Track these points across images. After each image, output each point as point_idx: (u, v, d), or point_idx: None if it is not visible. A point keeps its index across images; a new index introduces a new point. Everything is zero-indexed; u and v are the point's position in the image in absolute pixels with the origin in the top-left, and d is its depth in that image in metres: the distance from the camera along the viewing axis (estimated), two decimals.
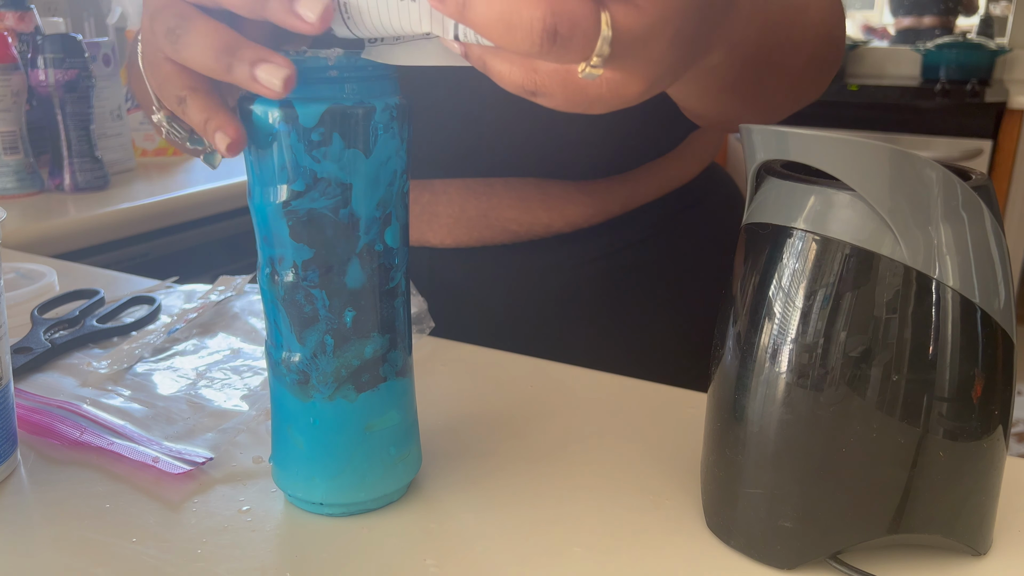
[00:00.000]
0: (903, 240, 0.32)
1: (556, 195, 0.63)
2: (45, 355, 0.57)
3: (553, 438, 0.47)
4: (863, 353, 0.32)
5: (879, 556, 0.36)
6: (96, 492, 0.42)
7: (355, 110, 0.35)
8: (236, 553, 0.37)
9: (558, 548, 0.38)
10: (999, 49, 2.63)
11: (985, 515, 0.36)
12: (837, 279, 0.32)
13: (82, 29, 1.56)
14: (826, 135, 0.32)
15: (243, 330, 0.62)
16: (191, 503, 0.41)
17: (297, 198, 0.35)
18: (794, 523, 0.35)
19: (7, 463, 0.43)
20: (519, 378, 0.54)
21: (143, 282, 0.74)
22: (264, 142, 0.35)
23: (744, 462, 0.36)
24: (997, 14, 2.88)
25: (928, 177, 0.31)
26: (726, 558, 0.37)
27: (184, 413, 0.49)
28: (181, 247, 1.17)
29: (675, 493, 0.42)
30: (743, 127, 0.36)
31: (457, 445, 0.46)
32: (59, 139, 1.19)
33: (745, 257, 0.36)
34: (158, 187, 1.22)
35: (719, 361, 0.37)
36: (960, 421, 0.33)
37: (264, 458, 0.45)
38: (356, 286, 0.37)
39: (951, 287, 0.32)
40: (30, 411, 0.48)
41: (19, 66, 1.15)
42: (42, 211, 1.09)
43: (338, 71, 0.35)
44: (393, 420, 0.40)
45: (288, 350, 0.38)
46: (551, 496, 0.41)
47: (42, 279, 0.72)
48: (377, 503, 0.40)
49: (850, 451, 0.33)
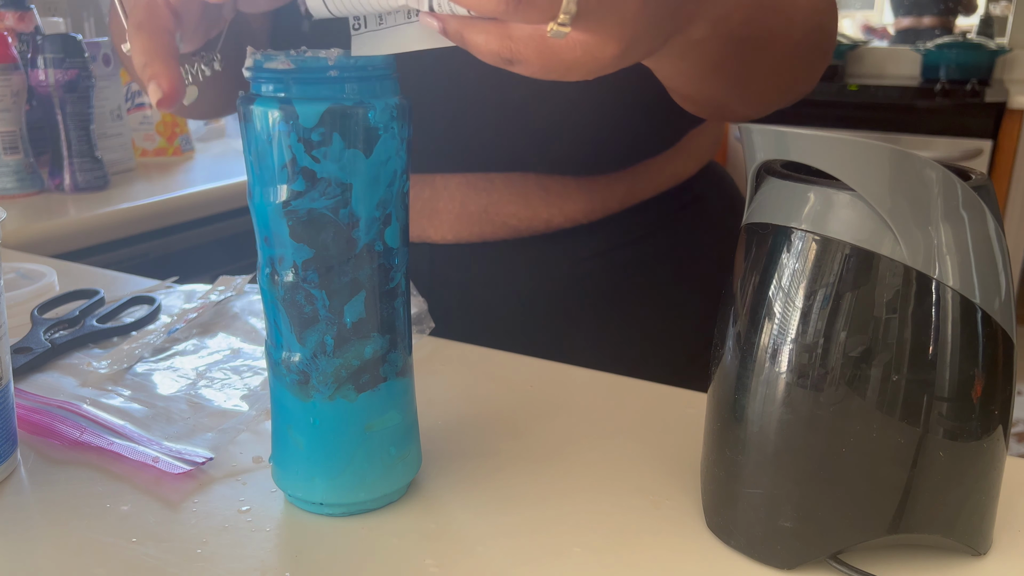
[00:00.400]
0: (903, 240, 0.32)
1: (556, 191, 0.63)
2: (45, 355, 0.57)
3: (553, 438, 0.47)
4: (863, 353, 0.32)
5: (879, 556, 0.36)
6: (96, 492, 0.42)
7: (355, 110, 0.35)
8: (236, 553, 0.37)
9: (558, 548, 0.38)
10: (999, 49, 2.63)
11: (985, 515, 0.36)
12: (837, 279, 0.32)
13: (82, 29, 1.56)
14: (826, 135, 0.32)
15: (243, 330, 0.62)
16: (191, 503, 0.41)
17: (297, 198, 0.35)
18: (794, 523, 0.35)
19: (7, 463, 0.43)
20: (519, 378, 0.54)
21: (143, 282, 0.74)
22: (264, 142, 0.35)
23: (744, 462, 0.36)
24: (997, 14, 2.87)
25: (928, 177, 0.31)
26: (726, 558, 0.37)
27: (184, 413, 0.49)
28: (181, 247, 1.17)
29: (675, 493, 0.41)
30: (743, 127, 0.36)
31: (457, 445, 0.46)
32: (59, 139, 1.19)
33: (745, 257, 0.36)
34: (158, 187, 1.22)
35: (719, 361, 0.37)
36: (960, 421, 0.33)
37: (264, 458, 0.45)
38: (356, 286, 0.37)
39: (951, 287, 0.32)
40: (30, 411, 0.48)
41: (19, 66, 1.15)
42: (42, 211, 1.09)
43: (338, 71, 0.35)
44: (393, 420, 0.40)
45: (288, 350, 0.38)
46: (551, 496, 0.41)
47: (42, 279, 0.72)
48: (377, 503, 0.40)
49: (850, 451, 0.33)
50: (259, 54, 0.35)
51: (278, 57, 0.35)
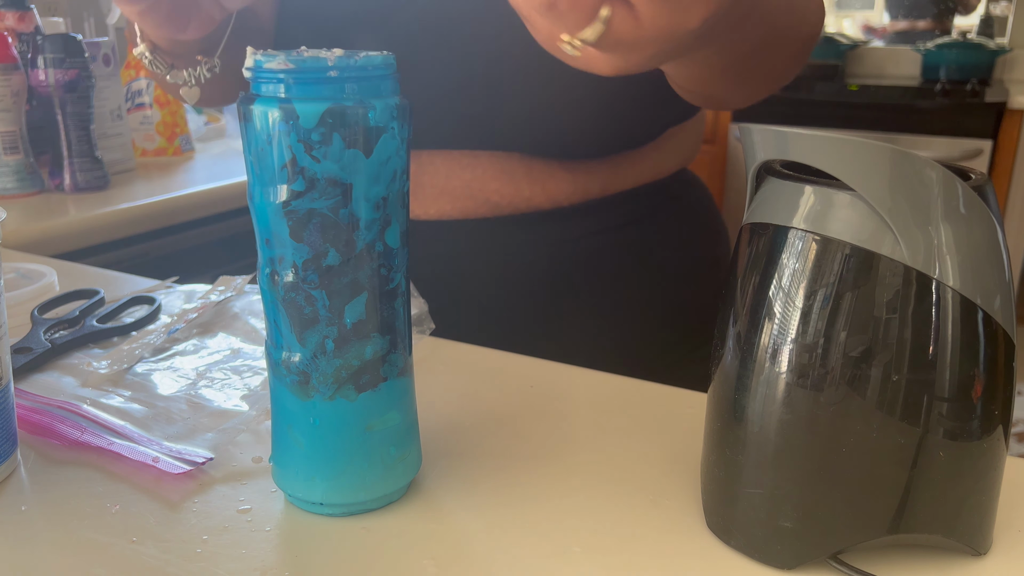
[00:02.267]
0: (903, 240, 0.32)
1: (539, 170, 0.65)
2: (45, 355, 0.57)
3: (553, 438, 0.47)
4: (863, 353, 0.32)
5: (879, 556, 0.36)
6: (96, 492, 0.42)
7: (355, 110, 0.35)
8: (236, 553, 0.37)
9: (558, 548, 0.38)
10: (999, 49, 2.63)
11: (985, 515, 0.36)
12: (837, 279, 0.32)
13: (82, 29, 1.56)
14: (826, 135, 0.32)
15: (243, 330, 0.62)
16: (191, 503, 0.41)
17: (297, 198, 0.35)
18: (794, 523, 0.35)
19: (7, 463, 0.43)
20: (519, 378, 0.54)
21: (143, 282, 0.74)
22: (264, 142, 0.35)
23: (744, 462, 0.36)
24: (997, 14, 2.87)
25: (928, 177, 0.31)
26: (726, 558, 0.37)
27: (184, 413, 0.49)
28: (181, 247, 1.17)
29: (675, 493, 0.41)
30: (743, 127, 0.36)
31: (457, 445, 0.46)
32: (59, 139, 1.19)
33: (745, 257, 0.36)
34: (158, 187, 1.22)
35: (719, 361, 0.37)
36: (960, 421, 0.33)
37: (264, 458, 0.45)
38: (356, 287, 0.37)
39: (951, 287, 0.32)
40: (30, 411, 0.48)
41: (19, 66, 1.15)
42: (42, 211, 1.09)
43: (338, 71, 0.35)
44: (393, 420, 0.40)
45: (288, 351, 0.38)
46: (551, 496, 0.41)
47: (42, 279, 0.72)
48: (377, 503, 0.40)
49: (850, 451, 0.33)
50: (259, 54, 0.35)
51: (278, 57, 0.35)
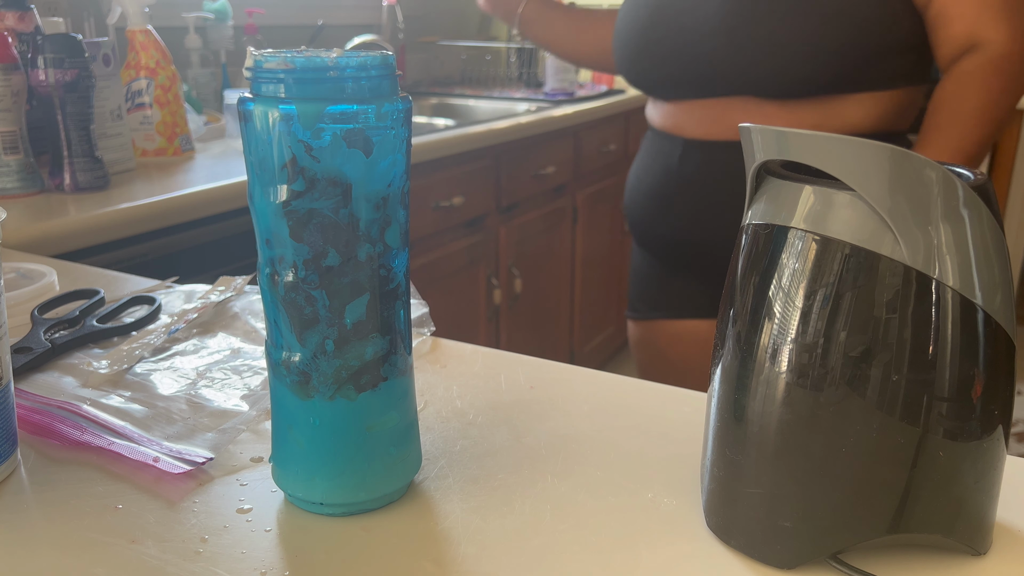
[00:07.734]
0: (903, 240, 0.32)
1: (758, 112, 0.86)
2: (45, 355, 0.57)
3: (553, 438, 0.47)
4: (863, 353, 0.32)
5: (879, 556, 0.36)
6: (96, 492, 0.42)
7: (355, 110, 0.35)
8: (236, 553, 0.37)
9: (558, 548, 0.38)
10: None
11: (985, 515, 0.36)
12: (837, 279, 0.32)
13: (82, 29, 1.56)
14: (826, 135, 0.32)
15: (243, 330, 0.62)
16: (191, 503, 0.41)
17: (297, 198, 0.35)
18: (794, 523, 0.35)
19: (7, 463, 0.43)
20: (519, 378, 0.54)
21: (143, 282, 0.74)
22: (264, 142, 0.35)
23: (744, 462, 0.36)
24: None
25: (928, 177, 0.31)
26: (726, 558, 0.37)
27: (184, 413, 0.49)
28: (181, 247, 1.16)
29: (675, 493, 0.42)
30: (742, 127, 0.36)
31: (457, 445, 0.46)
32: (59, 139, 1.19)
33: (745, 257, 0.36)
34: (158, 187, 1.22)
35: (719, 361, 0.37)
36: (960, 421, 0.33)
37: (264, 458, 0.45)
38: (356, 287, 0.37)
39: (951, 287, 0.32)
40: (30, 411, 0.48)
41: (19, 66, 1.15)
42: (42, 211, 1.08)
43: (338, 71, 0.35)
44: (393, 420, 0.40)
45: (288, 351, 0.38)
46: (551, 496, 0.41)
47: (42, 279, 0.72)
48: (377, 503, 0.40)
49: (850, 451, 0.33)
50: (259, 54, 0.35)
51: (278, 57, 0.35)
